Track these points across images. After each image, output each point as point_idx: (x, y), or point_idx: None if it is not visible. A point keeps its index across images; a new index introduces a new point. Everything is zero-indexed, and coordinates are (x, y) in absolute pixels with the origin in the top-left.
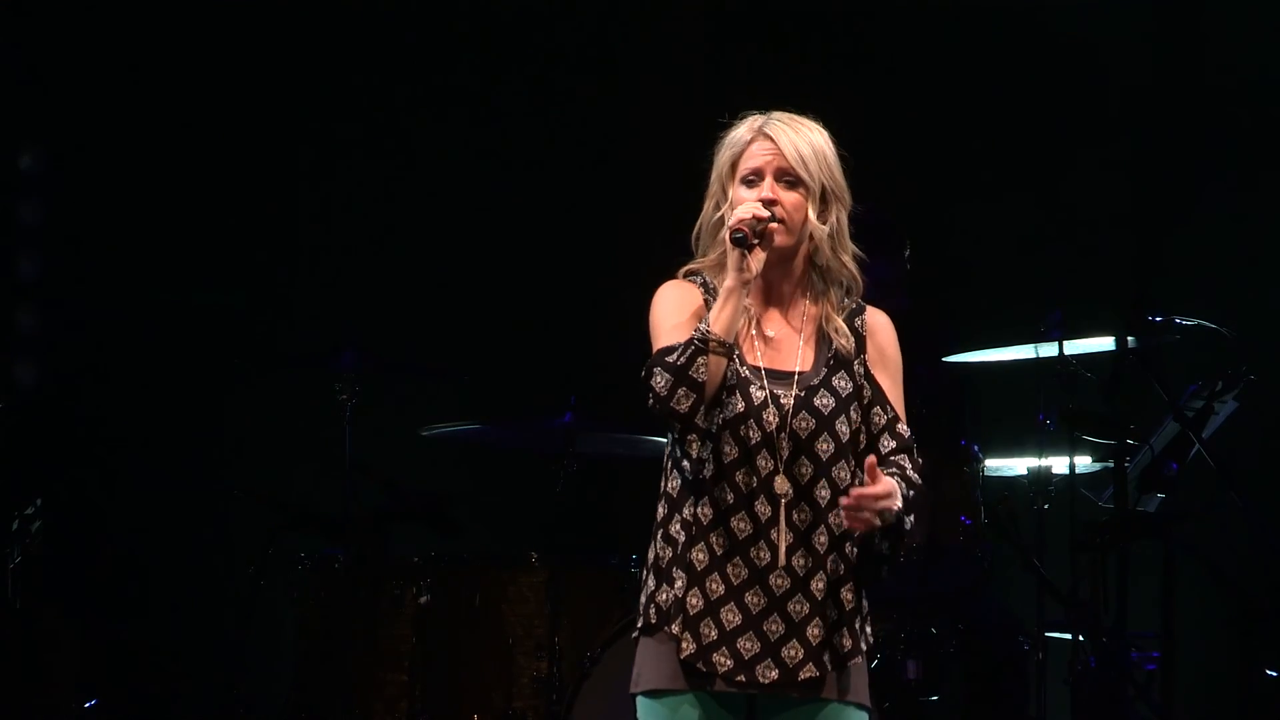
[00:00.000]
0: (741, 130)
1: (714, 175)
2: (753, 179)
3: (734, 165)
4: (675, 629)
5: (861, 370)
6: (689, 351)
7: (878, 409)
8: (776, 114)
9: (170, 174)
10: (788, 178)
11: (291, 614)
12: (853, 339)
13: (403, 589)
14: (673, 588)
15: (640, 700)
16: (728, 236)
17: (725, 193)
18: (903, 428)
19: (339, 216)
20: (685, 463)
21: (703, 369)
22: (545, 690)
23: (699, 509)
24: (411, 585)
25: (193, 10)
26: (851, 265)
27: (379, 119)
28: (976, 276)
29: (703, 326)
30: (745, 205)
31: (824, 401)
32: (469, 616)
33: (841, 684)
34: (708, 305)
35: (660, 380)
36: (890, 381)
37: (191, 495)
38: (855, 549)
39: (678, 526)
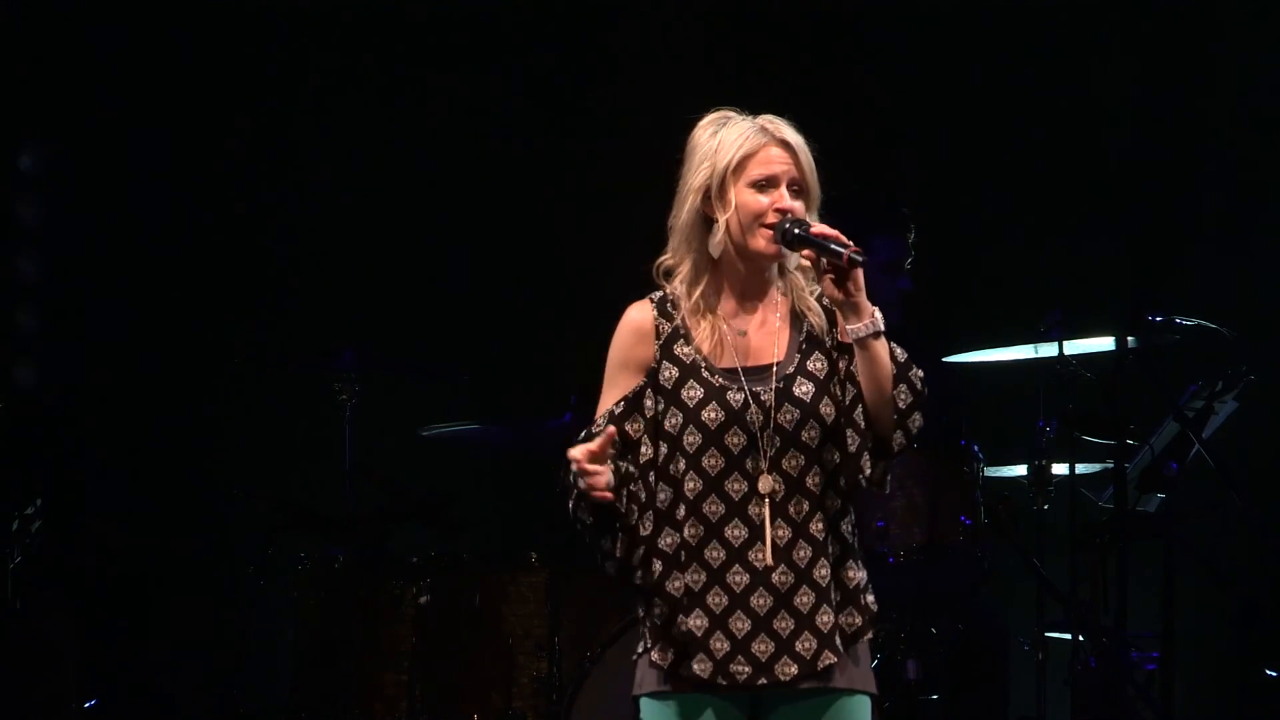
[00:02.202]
0: (745, 129)
1: (702, 170)
2: (765, 184)
3: (740, 165)
4: (682, 652)
5: (832, 343)
6: (571, 506)
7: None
8: (768, 117)
9: (170, 174)
10: (795, 187)
11: (291, 614)
12: (823, 315)
13: (403, 589)
14: (673, 610)
15: (643, 701)
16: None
17: (723, 191)
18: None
19: (339, 216)
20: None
21: (587, 514)
22: (545, 690)
23: (687, 527)
24: (411, 585)
25: (192, 9)
26: None
27: (379, 119)
28: (976, 276)
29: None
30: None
31: (804, 389)
32: (469, 616)
33: (854, 665)
34: (658, 332)
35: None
36: None
37: (191, 495)
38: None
39: (665, 546)
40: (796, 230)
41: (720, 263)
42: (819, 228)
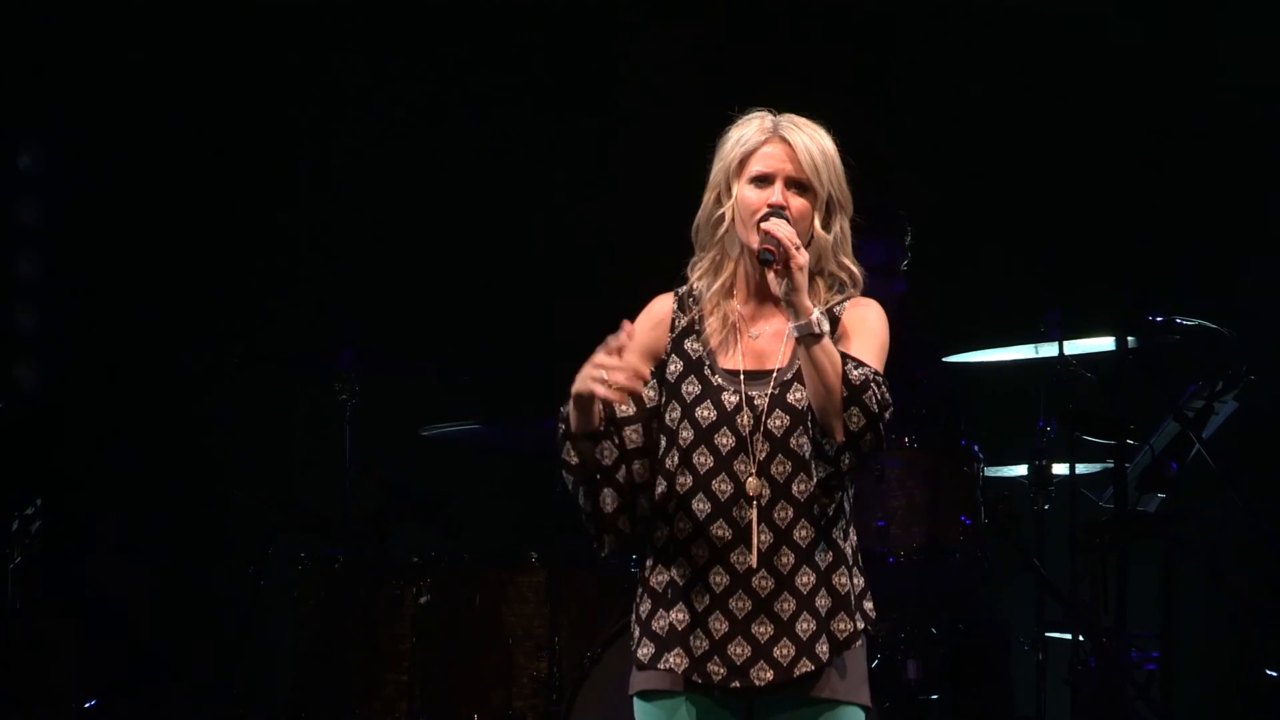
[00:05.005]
0: (753, 129)
1: (718, 168)
2: (761, 181)
3: (743, 163)
4: (662, 645)
5: None
6: (562, 443)
7: None
8: (788, 116)
9: (170, 174)
10: (798, 184)
11: (291, 614)
12: (826, 324)
13: (402, 589)
14: (657, 604)
15: (636, 701)
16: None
17: (730, 189)
18: (854, 365)
19: (339, 216)
20: (660, 476)
21: (573, 455)
22: (545, 690)
23: (676, 523)
24: (411, 585)
25: (192, 9)
26: (851, 265)
27: (378, 119)
28: (976, 276)
29: (564, 412)
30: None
31: (797, 396)
32: (468, 616)
33: (840, 675)
34: (673, 325)
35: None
36: (854, 341)
37: (191, 495)
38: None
39: (655, 538)
40: (760, 224)
41: (738, 263)
42: (769, 223)
